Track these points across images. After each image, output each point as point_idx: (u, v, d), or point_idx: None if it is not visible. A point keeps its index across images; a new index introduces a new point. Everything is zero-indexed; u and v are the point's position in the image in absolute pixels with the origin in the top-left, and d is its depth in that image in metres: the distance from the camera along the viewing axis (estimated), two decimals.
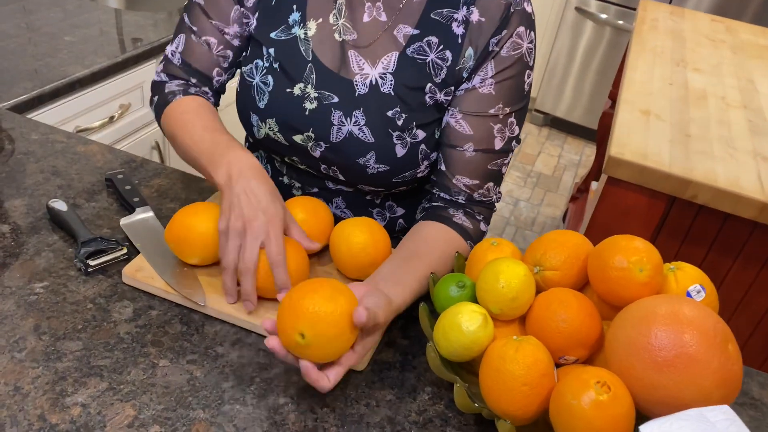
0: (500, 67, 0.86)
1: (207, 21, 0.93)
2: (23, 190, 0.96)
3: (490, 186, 0.93)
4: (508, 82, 0.87)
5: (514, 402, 0.65)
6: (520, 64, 0.87)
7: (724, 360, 0.62)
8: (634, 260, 0.69)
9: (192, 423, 0.68)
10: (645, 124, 1.48)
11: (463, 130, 0.89)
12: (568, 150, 3.51)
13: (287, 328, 0.67)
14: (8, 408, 0.66)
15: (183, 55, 0.95)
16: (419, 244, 0.86)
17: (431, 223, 0.90)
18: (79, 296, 0.80)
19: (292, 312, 0.67)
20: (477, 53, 0.86)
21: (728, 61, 1.97)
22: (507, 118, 0.89)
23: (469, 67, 0.87)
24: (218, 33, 0.93)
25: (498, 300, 0.72)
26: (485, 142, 0.89)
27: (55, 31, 1.53)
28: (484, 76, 0.87)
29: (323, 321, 0.66)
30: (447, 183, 0.92)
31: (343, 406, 0.72)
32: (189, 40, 0.94)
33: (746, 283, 1.40)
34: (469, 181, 0.91)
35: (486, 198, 0.93)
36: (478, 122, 0.88)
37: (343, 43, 0.89)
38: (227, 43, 0.94)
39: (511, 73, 0.87)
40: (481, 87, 0.87)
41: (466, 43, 0.86)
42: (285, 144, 0.93)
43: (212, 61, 0.95)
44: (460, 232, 0.90)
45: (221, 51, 0.94)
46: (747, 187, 1.29)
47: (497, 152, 0.90)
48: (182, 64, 0.96)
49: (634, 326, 0.65)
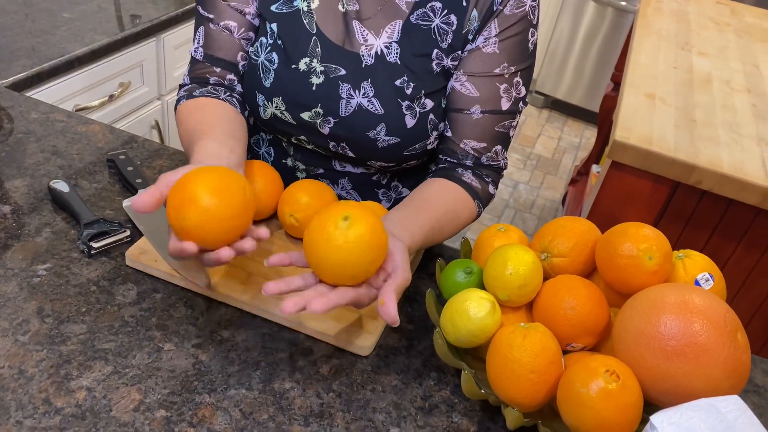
0: (504, 25, 0.85)
1: (224, 5, 0.90)
2: (24, 170, 0.95)
3: (498, 149, 0.92)
4: (513, 39, 0.86)
5: (521, 389, 0.65)
6: (524, 21, 0.86)
7: (734, 349, 0.62)
8: (643, 248, 0.69)
9: (198, 407, 0.67)
10: (650, 108, 1.46)
11: (469, 92, 0.88)
12: (568, 132, 3.50)
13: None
14: (13, 391, 0.66)
15: (204, 48, 0.92)
16: (428, 195, 0.86)
17: (439, 179, 0.90)
18: (82, 278, 0.79)
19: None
20: (481, 14, 0.85)
21: (733, 44, 1.96)
22: (513, 78, 0.88)
23: (474, 28, 0.86)
24: (238, 15, 0.90)
25: (506, 287, 0.71)
26: (492, 103, 0.88)
27: (53, 7, 1.51)
28: (487, 35, 0.86)
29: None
30: (454, 147, 0.92)
31: (349, 391, 0.72)
32: (208, 30, 0.91)
33: (748, 267, 1.41)
34: (477, 144, 0.91)
35: (494, 162, 0.93)
36: (484, 83, 0.88)
37: (347, 13, 0.88)
38: (249, 24, 0.91)
39: (516, 30, 0.86)
40: (485, 46, 0.86)
41: (471, 5, 0.85)
42: (293, 123, 0.91)
43: (236, 47, 0.92)
44: (468, 190, 0.90)
45: (243, 33, 0.92)
46: (751, 173, 1.28)
47: (504, 113, 0.90)
48: (205, 58, 0.93)
49: (643, 315, 0.64)
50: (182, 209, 0.64)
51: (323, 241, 0.67)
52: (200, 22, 0.92)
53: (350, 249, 0.66)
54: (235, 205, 0.65)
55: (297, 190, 0.87)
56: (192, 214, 0.64)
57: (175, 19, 1.57)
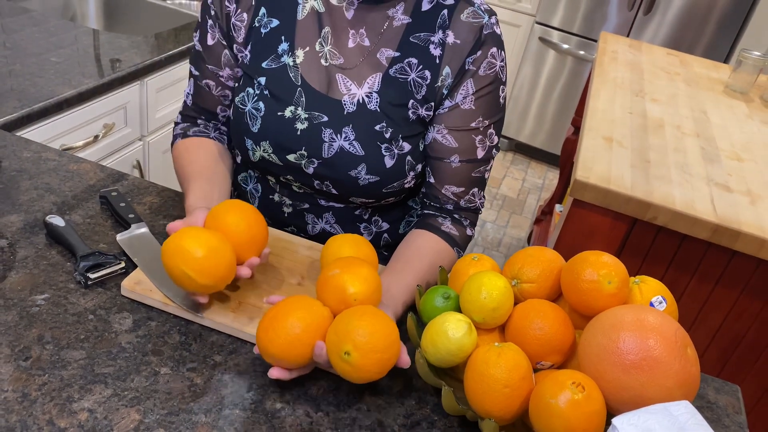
0: (479, 85, 0.95)
1: (205, 66, 1.03)
2: (19, 206, 0.99)
3: (474, 191, 1.02)
4: (487, 97, 0.96)
5: (496, 403, 0.71)
6: (496, 81, 0.96)
7: (684, 362, 0.69)
8: (603, 273, 0.77)
9: (195, 426, 0.72)
10: (608, 150, 1.57)
11: (449, 143, 0.98)
12: (531, 174, 3.63)
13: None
14: (17, 413, 0.69)
15: (193, 97, 1.07)
16: (413, 253, 0.95)
17: (422, 232, 1.00)
18: (79, 308, 0.83)
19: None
20: (454, 72, 0.95)
21: (683, 92, 2.10)
22: (487, 130, 0.98)
23: (448, 84, 0.95)
24: (214, 76, 1.03)
25: (481, 310, 0.78)
26: (469, 153, 0.98)
27: (40, 51, 1.56)
28: (465, 93, 0.95)
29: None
30: (436, 193, 1.02)
31: (336, 411, 0.77)
32: (195, 83, 1.06)
33: (702, 299, 1.50)
34: (456, 189, 1.01)
35: (471, 204, 1.03)
36: (462, 135, 0.97)
37: (330, 67, 0.96)
38: (223, 84, 1.04)
39: (489, 90, 0.96)
40: (463, 104, 0.96)
41: (443, 63, 0.95)
42: (279, 164, 0.99)
43: (215, 100, 1.06)
44: (448, 240, 1.00)
45: (220, 91, 1.05)
46: (701, 210, 1.39)
47: (480, 161, 1.00)
48: (193, 105, 1.08)
49: (605, 333, 0.72)
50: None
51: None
52: (191, 75, 1.06)
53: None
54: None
55: (338, 244, 0.89)
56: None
57: (158, 64, 1.63)
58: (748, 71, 2.16)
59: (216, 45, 1.00)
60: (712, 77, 2.34)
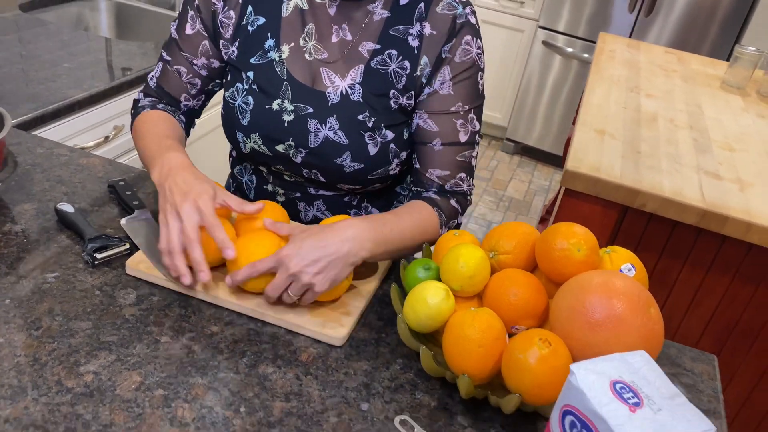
0: (456, 71, 1.00)
1: (179, 53, 1.08)
2: (32, 196, 1.06)
3: (462, 176, 1.06)
4: (465, 83, 1.01)
5: (472, 362, 0.76)
6: (473, 67, 1.01)
7: (647, 320, 0.73)
8: (573, 242, 0.81)
9: (192, 387, 0.77)
10: (599, 142, 1.62)
11: (430, 128, 1.03)
12: (538, 176, 3.67)
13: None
14: (29, 375, 0.75)
15: (158, 80, 1.11)
16: (397, 210, 1.00)
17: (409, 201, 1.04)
18: (87, 285, 0.90)
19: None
20: (431, 61, 1.00)
21: (679, 88, 2.14)
22: (467, 114, 1.03)
23: (427, 73, 1.01)
24: (187, 63, 1.08)
25: (458, 278, 0.83)
26: (450, 136, 1.03)
27: (55, 58, 1.64)
28: (443, 79, 1.01)
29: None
30: (421, 178, 1.06)
31: (324, 374, 0.82)
32: (165, 68, 1.10)
33: (695, 285, 1.53)
34: (440, 172, 1.05)
35: (458, 188, 1.07)
36: (442, 119, 1.02)
37: (314, 61, 1.03)
38: (195, 72, 1.09)
39: (466, 75, 1.01)
40: (441, 89, 1.01)
41: (421, 53, 1.00)
42: (269, 155, 1.05)
43: (181, 87, 1.10)
44: (429, 202, 1.03)
45: (190, 78, 1.09)
46: (689, 196, 1.42)
47: (463, 144, 1.04)
48: (157, 87, 1.12)
49: (573, 294, 0.76)
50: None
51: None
52: (161, 59, 1.11)
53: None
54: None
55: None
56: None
57: None
58: (744, 66, 2.20)
59: (196, 35, 1.06)
60: (709, 73, 2.38)
